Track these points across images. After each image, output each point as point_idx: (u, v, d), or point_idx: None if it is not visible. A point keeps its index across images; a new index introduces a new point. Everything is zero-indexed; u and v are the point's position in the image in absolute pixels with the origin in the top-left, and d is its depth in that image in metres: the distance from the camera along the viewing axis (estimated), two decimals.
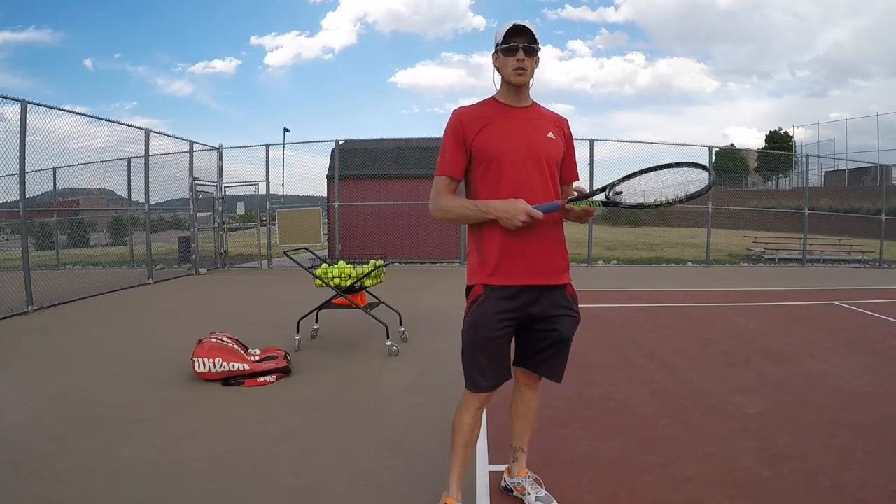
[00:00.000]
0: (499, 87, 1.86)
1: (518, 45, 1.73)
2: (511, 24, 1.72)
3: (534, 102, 1.87)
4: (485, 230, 1.78)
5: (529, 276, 1.76)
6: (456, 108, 1.84)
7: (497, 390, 1.81)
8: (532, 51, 1.74)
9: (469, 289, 1.84)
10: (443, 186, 1.80)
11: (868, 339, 4.54)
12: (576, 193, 1.77)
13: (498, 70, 1.82)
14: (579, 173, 1.97)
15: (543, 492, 1.98)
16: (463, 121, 1.78)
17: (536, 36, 1.73)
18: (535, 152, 1.77)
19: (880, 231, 11.44)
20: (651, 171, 1.80)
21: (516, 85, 1.78)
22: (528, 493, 1.98)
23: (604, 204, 1.76)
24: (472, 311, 1.78)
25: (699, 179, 1.72)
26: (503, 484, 2.10)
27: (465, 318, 1.81)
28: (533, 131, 1.79)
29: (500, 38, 1.76)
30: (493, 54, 1.82)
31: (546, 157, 1.79)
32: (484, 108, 1.82)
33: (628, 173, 1.81)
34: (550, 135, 1.82)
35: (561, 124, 1.90)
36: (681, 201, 1.70)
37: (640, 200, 1.75)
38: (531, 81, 1.81)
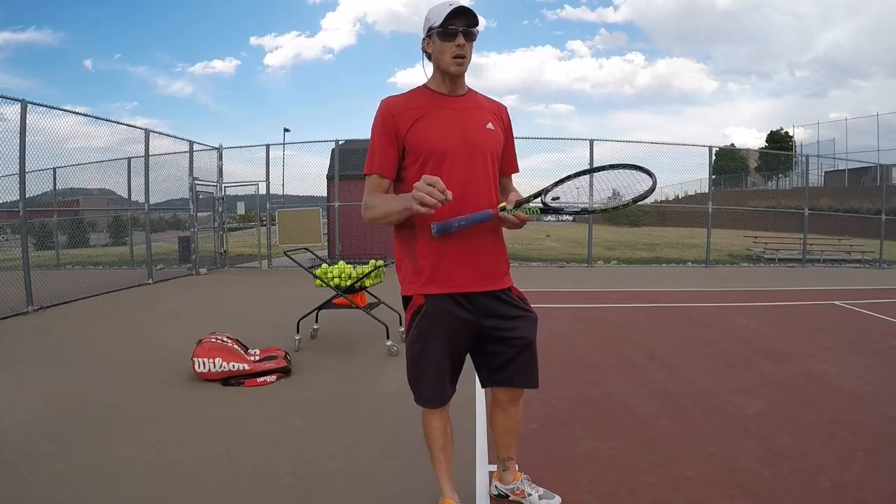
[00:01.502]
0: (430, 75, 1.69)
1: (458, 28, 1.55)
2: (452, 7, 1.54)
3: (470, 90, 1.72)
4: (417, 233, 1.64)
5: (469, 282, 1.64)
6: (384, 98, 1.66)
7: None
8: (472, 35, 1.59)
9: (406, 300, 1.71)
10: (373, 185, 1.65)
11: (868, 339, 4.54)
12: (512, 199, 1.61)
13: (429, 56, 1.65)
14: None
15: (542, 489, 1.99)
16: (394, 112, 1.61)
17: (478, 18, 1.57)
18: (474, 145, 1.64)
19: (880, 231, 11.44)
20: (587, 173, 1.71)
21: (454, 75, 1.63)
22: (531, 494, 1.97)
23: (543, 211, 1.61)
24: (416, 323, 1.66)
25: (641, 180, 1.59)
26: (495, 491, 2.06)
27: (407, 332, 1.71)
28: (470, 122, 1.66)
29: (436, 20, 1.57)
30: (424, 38, 1.64)
31: (487, 149, 1.66)
32: (416, 98, 1.65)
33: (563, 177, 1.70)
34: (490, 125, 1.69)
35: (500, 112, 1.77)
36: (626, 205, 1.58)
37: (585, 206, 1.64)
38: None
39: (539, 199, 1.64)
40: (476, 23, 1.58)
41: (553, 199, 1.65)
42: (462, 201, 1.58)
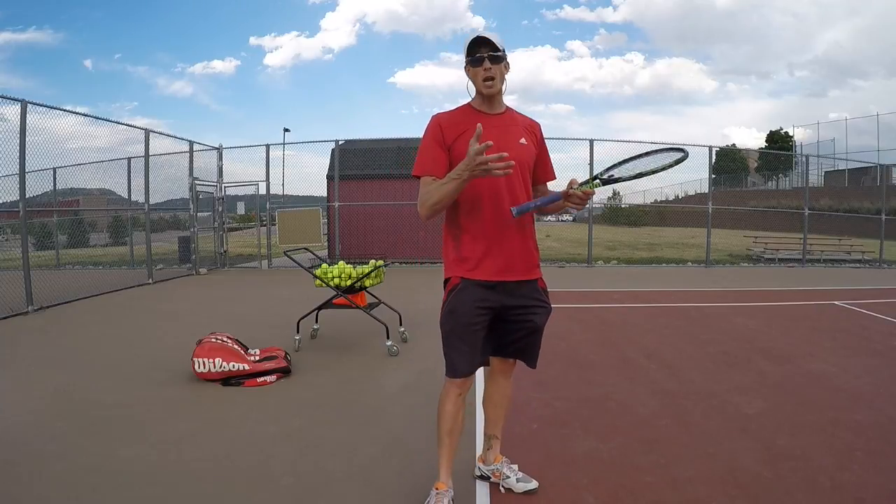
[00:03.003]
0: (473, 95, 1.92)
1: (483, 55, 1.79)
2: (473, 37, 1.79)
3: (507, 108, 1.95)
4: (463, 230, 1.86)
5: (507, 272, 1.84)
6: (434, 113, 1.90)
7: (475, 380, 1.94)
8: (497, 59, 1.81)
9: (447, 280, 1.90)
10: (425, 185, 1.83)
11: (868, 339, 4.54)
12: (573, 182, 1.82)
13: (471, 80, 1.88)
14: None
15: (521, 473, 2.10)
16: (442, 125, 1.84)
17: (499, 43, 1.80)
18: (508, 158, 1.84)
19: (880, 231, 11.43)
20: (639, 157, 1.89)
21: (487, 95, 1.86)
22: (508, 476, 2.09)
23: (604, 183, 1.84)
24: (450, 299, 1.86)
25: (677, 155, 1.84)
26: (477, 472, 2.18)
27: (443, 307, 1.89)
28: (506, 138, 1.85)
29: (465, 50, 1.82)
30: (464, 66, 1.87)
31: (519, 162, 1.84)
32: (461, 115, 1.88)
33: (618, 161, 1.88)
34: (523, 140, 1.90)
35: (533, 129, 1.98)
36: (669, 166, 1.80)
37: (638, 172, 1.83)
38: (504, 86, 1.88)
39: (596, 177, 1.85)
40: (497, 48, 1.80)
41: (609, 175, 1.85)
42: (501, 206, 1.81)
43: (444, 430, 1.94)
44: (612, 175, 1.84)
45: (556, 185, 1.99)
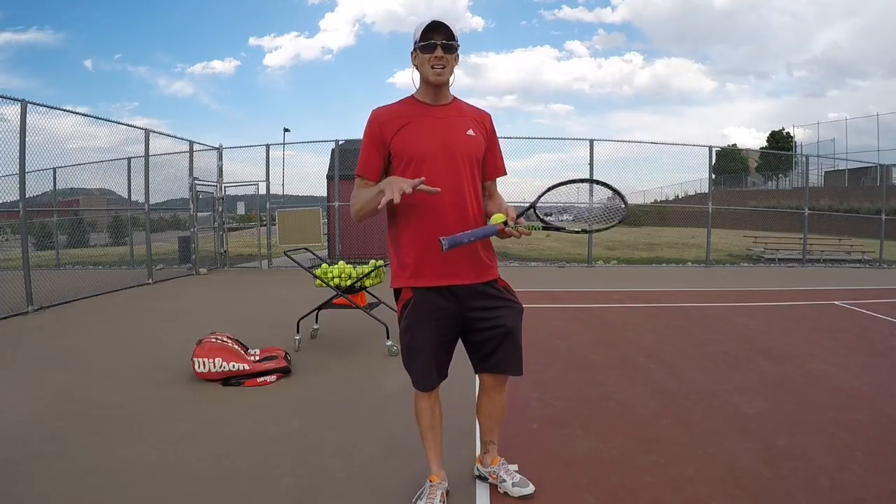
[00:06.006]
0: (418, 86, 1.83)
1: (436, 42, 1.70)
2: (429, 21, 1.70)
3: (455, 99, 1.85)
4: (401, 230, 1.79)
5: (453, 275, 1.77)
6: (374, 108, 1.81)
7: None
8: (451, 48, 1.72)
9: (397, 292, 1.85)
10: (359, 186, 1.80)
11: (868, 339, 4.53)
12: (512, 215, 1.71)
13: (417, 68, 1.79)
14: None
15: (518, 476, 2.08)
16: (381, 121, 1.77)
17: (455, 33, 1.71)
18: (453, 150, 1.76)
19: (880, 231, 11.43)
20: (562, 185, 1.84)
21: (434, 84, 1.75)
22: (505, 480, 2.06)
23: (545, 228, 1.75)
24: (406, 315, 1.81)
25: (619, 208, 1.85)
26: (476, 472, 2.18)
27: (399, 322, 1.85)
28: (452, 129, 1.78)
29: (417, 35, 1.73)
30: (411, 52, 1.78)
31: (466, 154, 1.78)
32: (402, 108, 1.80)
33: (541, 192, 1.81)
34: (470, 132, 1.81)
35: (482, 119, 1.88)
36: (613, 226, 1.83)
37: (584, 227, 1.83)
38: (451, 79, 1.79)
39: (534, 212, 1.78)
40: (452, 37, 1.71)
41: (546, 214, 1.78)
42: (442, 202, 1.72)
43: (425, 426, 1.95)
44: (554, 223, 1.75)
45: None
